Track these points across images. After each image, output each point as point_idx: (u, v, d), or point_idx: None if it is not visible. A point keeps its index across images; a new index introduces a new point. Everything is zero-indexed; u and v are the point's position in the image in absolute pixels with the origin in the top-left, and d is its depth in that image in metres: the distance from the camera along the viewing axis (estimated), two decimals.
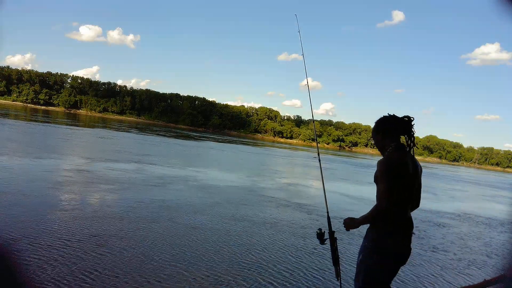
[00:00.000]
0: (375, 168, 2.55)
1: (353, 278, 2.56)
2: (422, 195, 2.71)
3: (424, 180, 2.71)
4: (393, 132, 2.56)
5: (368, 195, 13.64)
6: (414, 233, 2.49)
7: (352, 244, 6.78)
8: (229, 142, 51.31)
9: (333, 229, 2.81)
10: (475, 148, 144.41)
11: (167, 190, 9.94)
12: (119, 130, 42.62)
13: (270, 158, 33.22)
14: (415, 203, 2.58)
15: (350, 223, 2.52)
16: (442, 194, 19.64)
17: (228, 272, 4.74)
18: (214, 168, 17.49)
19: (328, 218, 3.05)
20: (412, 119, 2.53)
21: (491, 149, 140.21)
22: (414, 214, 2.61)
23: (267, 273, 4.88)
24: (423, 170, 2.71)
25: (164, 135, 43.62)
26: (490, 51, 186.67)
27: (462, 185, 31.04)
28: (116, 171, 11.98)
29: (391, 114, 2.59)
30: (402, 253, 2.42)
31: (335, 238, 2.77)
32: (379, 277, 2.39)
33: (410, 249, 2.47)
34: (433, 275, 5.78)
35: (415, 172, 2.46)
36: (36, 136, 22.89)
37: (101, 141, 25.89)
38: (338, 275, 2.77)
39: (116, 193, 8.76)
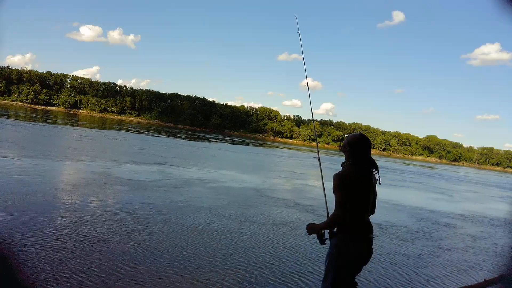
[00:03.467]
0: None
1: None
2: (438, 196, 2.79)
3: (434, 182, 2.79)
4: (357, 150, 2.81)
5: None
6: (373, 237, 2.77)
7: None
8: (239, 143, 51.53)
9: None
10: (475, 148, 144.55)
11: (183, 192, 9.98)
12: (134, 132, 43.19)
13: (280, 159, 33.44)
14: (372, 211, 2.87)
15: (313, 229, 2.82)
16: (457, 196, 19.92)
17: (257, 274, 4.77)
18: (228, 169, 17.58)
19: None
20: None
21: (491, 149, 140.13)
22: (429, 215, 2.63)
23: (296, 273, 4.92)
24: (425, 170, 2.77)
25: (179, 137, 43.92)
26: (491, 51, 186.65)
27: (471, 186, 31.32)
28: (136, 173, 12.13)
29: (364, 134, 2.89)
30: (362, 257, 2.72)
31: None
32: (344, 279, 2.69)
33: (372, 250, 2.76)
34: (436, 275, 5.80)
35: (369, 185, 2.74)
36: (58, 139, 23.42)
37: (120, 143, 26.34)
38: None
39: (130, 194, 8.80)
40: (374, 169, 2.82)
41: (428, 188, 22.47)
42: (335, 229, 2.79)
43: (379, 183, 2.86)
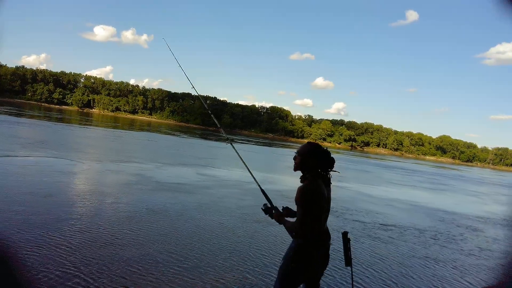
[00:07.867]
0: (392, 170, 2.75)
1: (363, 280, 3.31)
2: (470, 199, 2.61)
3: (456, 183, 2.61)
4: (322, 165, 2.82)
5: (408, 198, 13.57)
6: (331, 244, 2.85)
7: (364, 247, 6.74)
8: (264, 144, 51.82)
9: (346, 230, 2.96)
10: (490, 148, 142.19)
11: (214, 193, 9.97)
12: (165, 133, 44.23)
13: None
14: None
15: (280, 218, 2.95)
16: (488, 199, 19.83)
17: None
18: (259, 170, 17.48)
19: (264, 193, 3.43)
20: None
21: (505, 149, 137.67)
22: (451, 220, 2.38)
23: None
24: (447, 171, 2.60)
25: (210, 139, 44.22)
26: (506, 50, 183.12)
27: (500, 188, 31.13)
28: (180, 176, 12.25)
29: (326, 148, 2.88)
30: (318, 263, 2.78)
31: (349, 239, 2.91)
32: (294, 282, 2.76)
33: (328, 256, 2.86)
34: (437, 275, 5.73)
35: (328, 197, 2.84)
36: (102, 141, 24.33)
37: (155, 144, 27.30)
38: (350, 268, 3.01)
39: (150, 194, 8.71)
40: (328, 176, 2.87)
41: (459, 191, 22.35)
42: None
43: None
